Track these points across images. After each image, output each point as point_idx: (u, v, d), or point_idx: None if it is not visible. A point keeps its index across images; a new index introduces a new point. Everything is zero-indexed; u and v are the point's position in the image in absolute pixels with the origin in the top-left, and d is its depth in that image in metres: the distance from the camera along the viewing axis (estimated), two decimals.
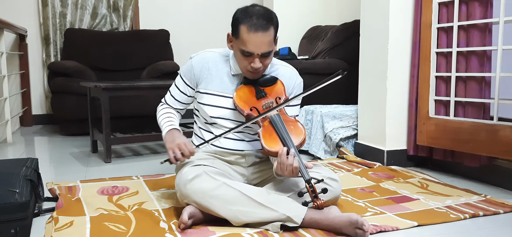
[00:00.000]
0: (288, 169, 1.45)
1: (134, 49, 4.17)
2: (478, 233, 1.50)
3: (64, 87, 3.53)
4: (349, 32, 3.59)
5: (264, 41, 1.54)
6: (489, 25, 2.07)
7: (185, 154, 1.59)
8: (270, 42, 1.56)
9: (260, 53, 1.55)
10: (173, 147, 1.59)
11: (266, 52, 1.56)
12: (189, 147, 1.59)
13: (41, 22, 4.17)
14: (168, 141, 1.64)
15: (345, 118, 2.83)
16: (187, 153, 1.59)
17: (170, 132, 1.67)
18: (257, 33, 1.52)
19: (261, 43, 1.54)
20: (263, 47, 1.55)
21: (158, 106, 1.83)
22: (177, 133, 1.67)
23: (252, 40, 1.53)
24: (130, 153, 2.89)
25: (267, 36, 1.54)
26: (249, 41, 1.53)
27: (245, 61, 1.58)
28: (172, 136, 1.65)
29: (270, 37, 1.56)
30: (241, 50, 1.57)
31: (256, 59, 1.56)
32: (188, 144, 1.60)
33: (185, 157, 1.60)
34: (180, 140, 1.61)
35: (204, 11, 4.73)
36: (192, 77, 1.71)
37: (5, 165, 1.75)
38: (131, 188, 1.99)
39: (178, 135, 1.65)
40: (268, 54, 1.58)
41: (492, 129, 2.00)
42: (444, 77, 2.25)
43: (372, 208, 1.72)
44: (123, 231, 1.46)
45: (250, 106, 1.62)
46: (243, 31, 1.54)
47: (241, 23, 1.55)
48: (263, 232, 1.44)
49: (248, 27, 1.53)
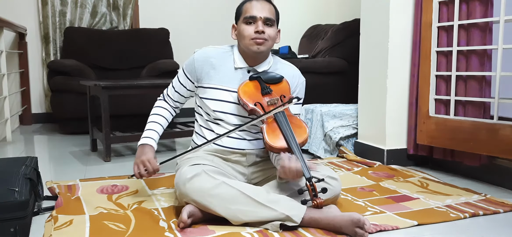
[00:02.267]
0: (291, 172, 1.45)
1: (133, 48, 4.17)
2: (478, 232, 1.50)
3: (63, 86, 3.53)
4: (349, 31, 3.59)
5: (265, 7, 1.65)
6: (489, 24, 2.07)
7: (149, 171, 1.68)
8: (271, 11, 1.66)
9: (264, 17, 1.63)
10: (138, 163, 1.69)
11: (269, 17, 1.64)
12: (152, 164, 1.68)
13: (41, 20, 4.17)
14: (137, 155, 1.73)
15: (345, 117, 2.82)
16: (151, 170, 1.68)
17: (141, 147, 1.74)
18: (259, 1, 1.66)
19: (262, 8, 1.64)
20: (265, 11, 1.64)
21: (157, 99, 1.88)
22: (148, 148, 1.73)
23: (255, 5, 1.65)
24: (130, 152, 2.89)
25: (267, 5, 1.66)
26: (251, 7, 1.64)
27: (249, 28, 1.65)
28: (141, 151, 1.72)
29: (271, 8, 1.67)
30: (244, 18, 1.65)
31: (260, 22, 1.63)
32: (152, 161, 1.68)
33: (149, 174, 1.69)
34: (146, 156, 1.69)
35: (203, 10, 4.73)
36: (193, 70, 1.73)
37: (4, 163, 1.75)
38: (130, 187, 1.99)
39: (147, 150, 1.72)
40: (271, 22, 1.66)
41: (492, 128, 1.99)
42: (444, 76, 2.25)
43: (372, 207, 1.72)
44: (122, 230, 1.46)
45: (254, 101, 1.62)
46: (245, 5, 1.67)
47: (243, 4, 1.68)
48: (262, 231, 1.44)
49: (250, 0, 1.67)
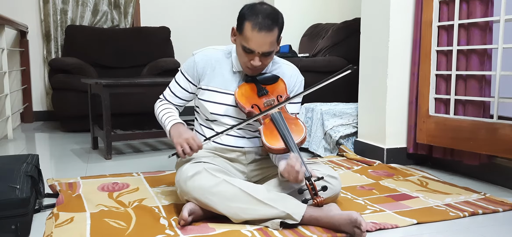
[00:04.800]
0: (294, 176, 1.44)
1: (135, 46, 4.18)
2: (477, 231, 1.50)
3: (64, 84, 3.53)
4: (349, 30, 3.59)
5: (266, 41, 1.55)
6: (489, 24, 2.07)
7: (194, 148, 1.57)
8: (272, 43, 1.57)
9: (261, 52, 1.56)
10: (181, 142, 1.57)
11: (267, 52, 1.57)
12: (197, 141, 1.57)
13: (42, 18, 4.17)
14: (175, 135, 1.61)
15: (345, 116, 2.83)
16: (195, 147, 1.57)
17: (176, 126, 1.65)
18: (261, 32, 1.53)
19: (263, 42, 1.55)
20: (264, 47, 1.56)
21: (156, 103, 1.81)
22: (183, 127, 1.64)
23: (255, 38, 1.54)
24: (131, 150, 2.90)
25: (270, 37, 1.55)
26: (251, 39, 1.54)
27: (245, 57, 1.59)
28: (178, 130, 1.63)
29: (273, 37, 1.56)
30: (243, 46, 1.58)
31: (256, 58, 1.57)
32: (196, 138, 1.58)
33: (193, 151, 1.58)
34: (188, 134, 1.59)
35: (205, 8, 4.73)
36: (195, 73, 1.70)
37: (5, 161, 1.76)
38: (131, 185, 2.00)
39: (184, 129, 1.63)
40: (269, 54, 1.59)
41: (492, 127, 2.00)
42: (444, 75, 2.25)
43: (371, 205, 1.73)
44: (123, 228, 1.47)
45: (251, 104, 1.62)
46: (247, 28, 1.55)
47: (246, 20, 1.55)
48: (262, 229, 1.45)
49: (252, 25, 1.53)
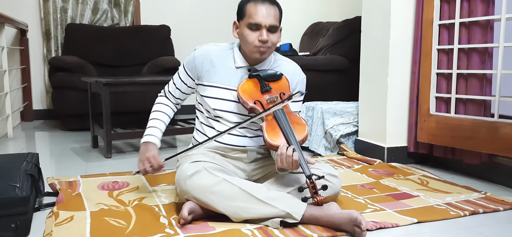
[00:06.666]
0: (287, 161, 1.45)
1: (135, 45, 4.17)
2: (478, 230, 1.50)
3: (64, 82, 3.53)
4: (350, 29, 3.58)
5: (270, 13, 1.59)
6: (490, 22, 2.07)
7: (154, 168, 1.70)
8: (276, 17, 1.61)
9: (268, 25, 1.59)
10: (143, 160, 1.71)
11: (273, 25, 1.60)
12: (157, 161, 1.70)
13: (42, 17, 4.17)
14: (141, 153, 1.74)
15: (346, 114, 2.82)
16: (156, 166, 1.70)
17: (144, 145, 1.75)
18: (264, 4, 1.59)
19: (268, 14, 1.59)
20: (270, 19, 1.59)
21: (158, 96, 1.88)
22: (151, 145, 1.75)
23: (260, 11, 1.58)
24: (131, 149, 2.90)
25: (273, 10, 1.60)
26: (256, 13, 1.58)
27: (253, 35, 1.61)
28: (145, 148, 1.73)
29: (276, 13, 1.62)
30: (248, 24, 1.61)
31: (264, 31, 1.59)
32: (157, 157, 1.70)
33: (154, 171, 1.72)
34: (150, 153, 1.71)
35: (205, 7, 4.72)
36: (194, 68, 1.72)
37: (5, 159, 1.75)
38: (131, 184, 2.00)
39: (151, 147, 1.74)
40: (275, 29, 1.62)
41: (492, 126, 1.99)
42: (445, 74, 2.25)
43: (372, 204, 1.73)
44: (123, 226, 1.47)
45: (254, 100, 1.62)
46: (249, 7, 1.60)
47: (247, 3, 1.62)
48: (263, 228, 1.45)
49: (254, 1, 1.60)
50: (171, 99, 1.85)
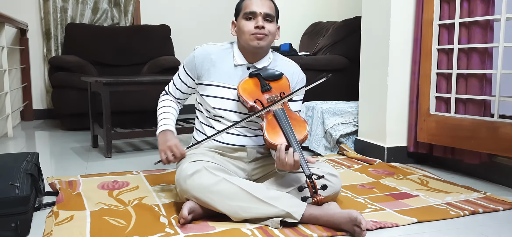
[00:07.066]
0: (288, 161, 1.45)
1: (135, 44, 4.17)
2: (478, 230, 1.50)
3: (65, 82, 3.53)
4: (350, 29, 3.59)
5: (265, 4, 1.64)
6: (490, 22, 2.07)
7: (176, 156, 1.66)
8: (271, 8, 1.66)
9: (263, 13, 1.63)
10: (165, 149, 1.67)
11: (268, 13, 1.64)
12: (180, 149, 1.65)
13: (42, 16, 4.17)
14: (161, 142, 1.71)
15: (346, 114, 2.83)
16: (178, 155, 1.65)
17: (163, 134, 1.73)
18: None
19: (263, 4, 1.64)
20: (264, 7, 1.63)
21: (160, 96, 1.88)
22: (170, 134, 1.72)
23: (254, 1, 1.64)
24: (131, 148, 2.90)
25: (268, 1, 1.66)
26: (251, 3, 1.64)
27: (249, 24, 1.64)
28: (164, 137, 1.71)
29: (271, 5, 1.67)
30: (244, 14, 1.65)
31: (259, 18, 1.62)
32: (179, 146, 1.66)
33: (176, 159, 1.66)
34: (172, 142, 1.66)
35: (205, 7, 4.73)
36: (193, 68, 1.73)
37: (5, 159, 1.75)
38: (131, 183, 2.00)
39: (170, 136, 1.70)
40: (271, 18, 1.65)
41: (492, 126, 2.00)
42: (445, 74, 2.25)
43: (371, 204, 1.73)
44: (123, 226, 1.47)
45: (254, 99, 1.62)
46: (245, 2, 1.66)
47: (243, 0, 1.68)
48: (262, 228, 1.45)
49: None
50: (173, 98, 1.86)
